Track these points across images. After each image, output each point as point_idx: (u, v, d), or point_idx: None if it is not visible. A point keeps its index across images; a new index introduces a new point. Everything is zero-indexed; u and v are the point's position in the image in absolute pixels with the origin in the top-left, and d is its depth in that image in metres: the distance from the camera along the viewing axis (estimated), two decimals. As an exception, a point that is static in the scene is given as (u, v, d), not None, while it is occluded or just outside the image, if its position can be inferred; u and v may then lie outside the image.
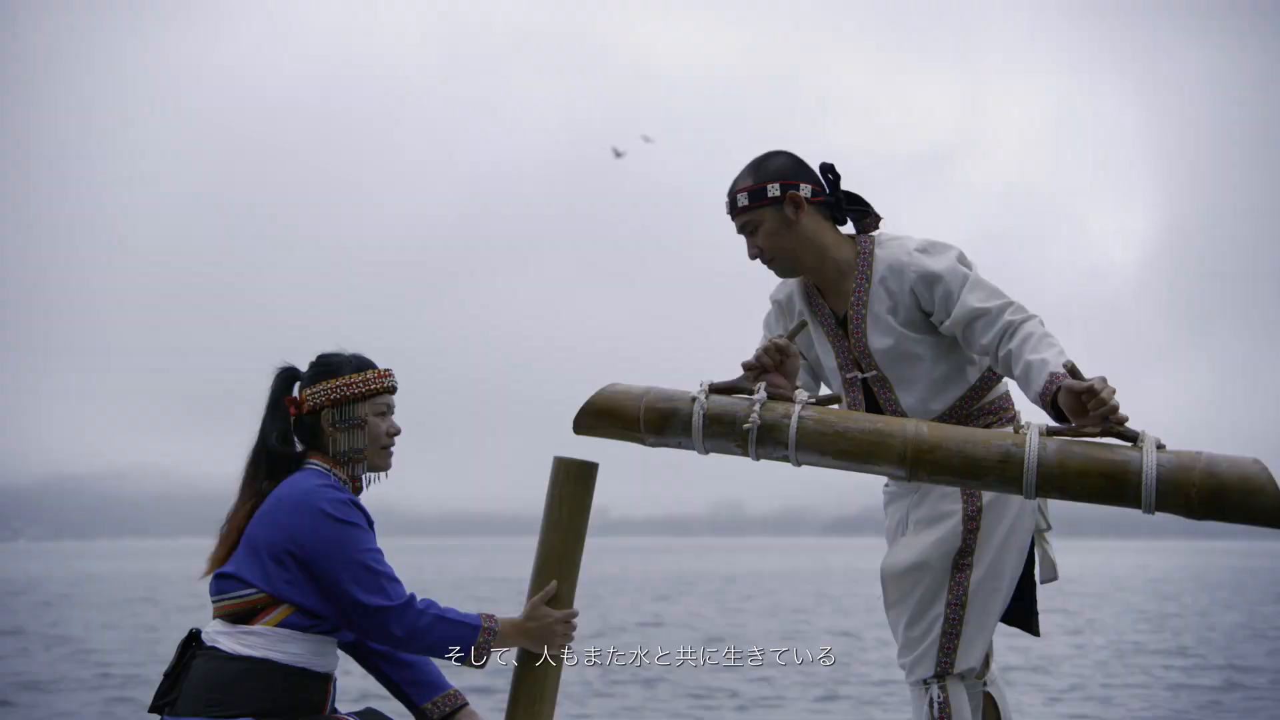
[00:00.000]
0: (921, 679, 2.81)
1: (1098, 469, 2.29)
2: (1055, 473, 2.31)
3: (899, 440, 2.44)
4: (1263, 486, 2.18)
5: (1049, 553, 2.93)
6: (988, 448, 2.37)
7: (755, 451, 2.56)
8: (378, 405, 2.77)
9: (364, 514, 2.68)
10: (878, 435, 2.46)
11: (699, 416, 2.59)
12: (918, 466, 2.43)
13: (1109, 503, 2.30)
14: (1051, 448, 2.33)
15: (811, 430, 2.50)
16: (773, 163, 2.87)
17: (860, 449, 2.46)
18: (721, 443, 2.60)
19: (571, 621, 2.75)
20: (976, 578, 2.78)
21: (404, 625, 2.61)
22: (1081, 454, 2.31)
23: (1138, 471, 2.26)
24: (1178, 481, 2.23)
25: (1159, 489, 2.24)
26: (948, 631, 2.78)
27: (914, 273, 2.81)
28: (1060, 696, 9.07)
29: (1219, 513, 2.22)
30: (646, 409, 2.65)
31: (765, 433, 2.53)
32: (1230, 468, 2.21)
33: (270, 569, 2.59)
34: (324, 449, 2.75)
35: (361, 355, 2.80)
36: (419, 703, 2.88)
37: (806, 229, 2.85)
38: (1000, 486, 2.39)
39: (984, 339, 2.69)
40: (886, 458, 2.45)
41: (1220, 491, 2.20)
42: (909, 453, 2.42)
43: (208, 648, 2.59)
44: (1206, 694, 9.15)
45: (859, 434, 2.47)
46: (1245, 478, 2.20)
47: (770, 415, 2.54)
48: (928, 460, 2.41)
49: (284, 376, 2.81)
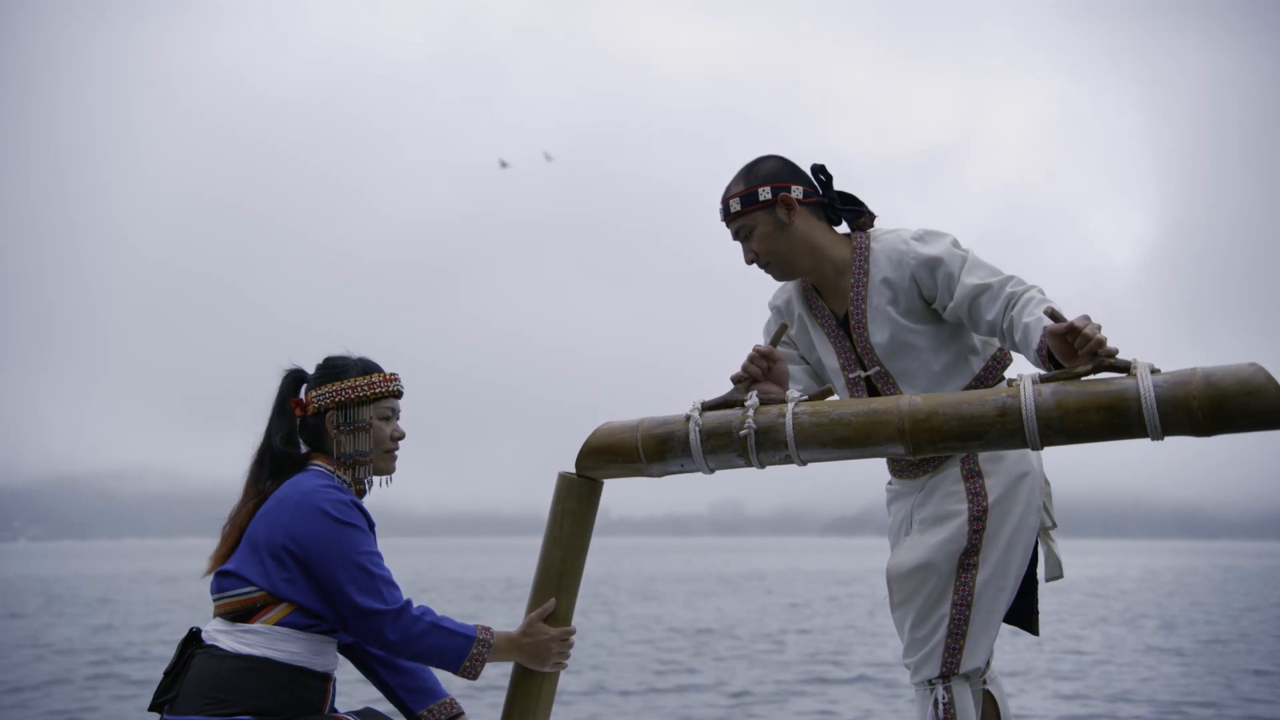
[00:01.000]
0: (927, 679, 2.79)
1: (1096, 404, 2.26)
2: (1055, 416, 2.28)
3: (895, 415, 2.43)
4: (1262, 386, 2.15)
5: (1054, 551, 2.92)
6: (983, 404, 2.36)
7: (758, 458, 2.55)
8: (383, 409, 2.77)
9: (365, 516, 2.68)
10: (873, 415, 2.45)
11: (695, 434, 2.58)
12: (918, 437, 2.41)
13: (1116, 436, 2.27)
14: (1047, 393, 2.31)
15: (808, 424, 2.49)
16: (763, 167, 2.89)
17: (859, 432, 2.45)
18: (723, 456, 2.59)
19: (568, 640, 2.75)
20: (983, 578, 2.77)
21: (398, 630, 2.60)
22: (1077, 392, 2.28)
23: (1136, 398, 2.22)
24: (1178, 399, 2.19)
25: (1160, 411, 2.20)
26: (953, 632, 2.76)
27: (913, 260, 2.81)
28: (1060, 695, 9.06)
29: (1225, 422, 2.18)
30: (644, 438, 2.65)
31: (764, 437, 2.53)
32: (1227, 375, 2.18)
33: (270, 567, 2.59)
34: (328, 451, 2.75)
35: (368, 359, 2.81)
36: (415, 709, 2.87)
37: (800, 230, 2.86)
38: (1004, 442, 2.36)
39: (989, 315, 2.68)
40: (885, 435, 2.43)
41: (1221, 400, 2.16)
42: (906, 425, 2.41)
43: (207, 646, 2.59)
44: (1205, 694, 9.14)
45: (854, 418, 2.46)
46: (1243, 380, 2.17)
47: (765, 419, 2.54)
48: (926, 429, 2.39)
49: (291, 378, 2.82)
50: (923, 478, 2.92)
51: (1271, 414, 2.15)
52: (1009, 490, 2.80)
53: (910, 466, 2.95)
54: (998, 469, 2.82)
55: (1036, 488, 2.84)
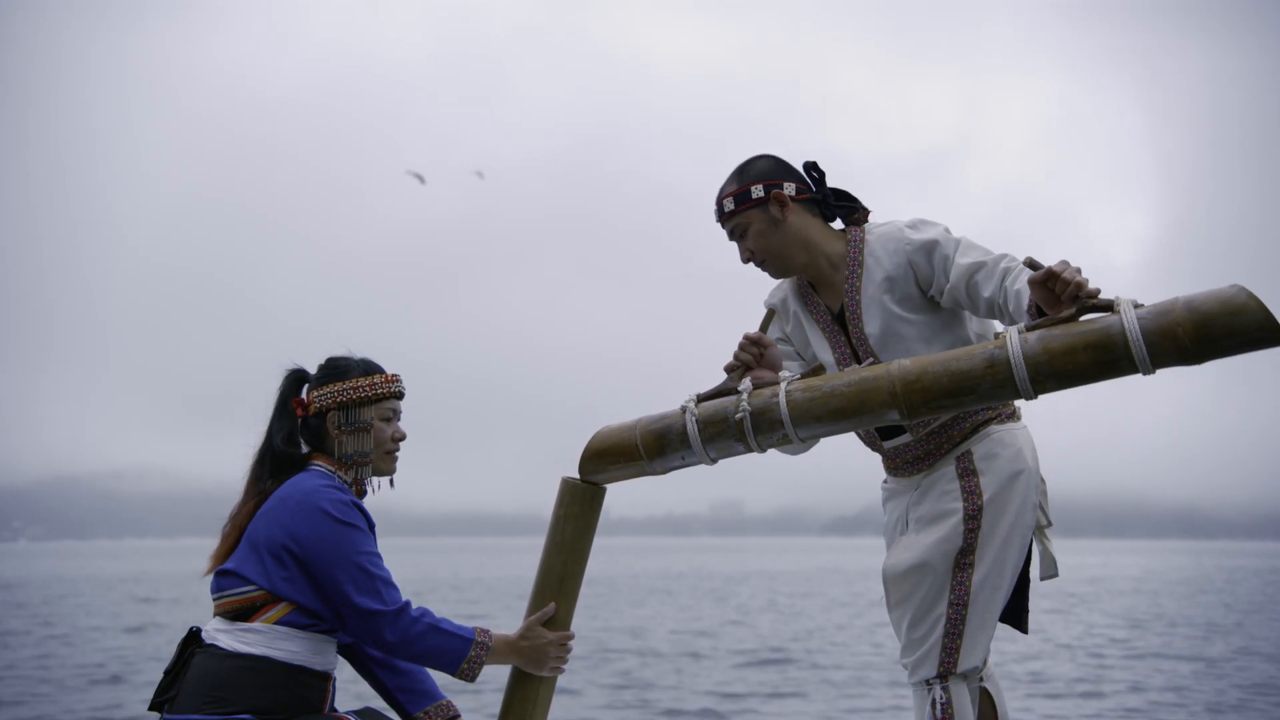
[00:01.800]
0: (924, 679, 2.79)
1: (1083, 343, 2.26)
2: (1043, 360, 2.28)
3: (885, 379, 2.44)
4: (1244, 304, 2.14)
5: (1050, 549, 2.92)
6: (971, 358, 2.37)
7: (756, 442, 2.57)
8: (384, 410, 2.78)
9: (365, 516, 2.69)
10: (864, 382, 2.46)
11: (692, 424, 2.60)
12: (911, 400, 2.40)
13: (1107, 374, 2.26)
14: (1033, 340, 2.31)
15: (801, 400, 2.51)
16: (755, 166, 2.93)
17: (852, 401, 2.46)
18: (723, 443, 2.60)
19: (567, 644, 2.76)
20: (979, 577, 2.77)
21: (396, 631, 2.60)
22: (1063, 335, 2.29)
23: (1121, 332, 2.22)
24: (1163, 329, 2.19)
25: (1147, 343, 2.20)
26: (950, 631, 2.76)
27: (908, 246, 2.84)
28: (1056, 696, 9.07)
29: (1212, 346, 2.16)
30: (642, 435, 2.67)
31: (759, 418, 2.54)
32: (1209, 298, 2.18)
33: (270, 566, 2.59)
34: (329, 451, 2.76)
35: (370, 360, 2.82)
36: (411, 711, 2.87)
37: (794, 226, 2.89)
38: (996, 393, 2.35)
39: (986, 291, 2.69)
40: (878, 400, 2.43)
41: (1205, 323, 2.15)
42: (898, 388, 2.41)
43: (207, 645, 2.59)
44: (1203, 696, 9.15)
45: (846, 387, 2.47)
46: (1225, 301, 2.16)
47: (759, 401, 2.56)
48: (918, 389, 2.40)
49: (293, 378, 2.83)
50: (918, 476, 2.94)
51: (1257, 330, 2.13)
52: (1004, 488, 2.80)
53: (905, 465, 2.96)
54: (992, 467, 2.82)
55: (1032, 486, 2.84)
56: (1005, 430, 2.86)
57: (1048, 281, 2.36)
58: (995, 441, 2.84)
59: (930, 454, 2.90)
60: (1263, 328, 2.13)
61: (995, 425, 2.87)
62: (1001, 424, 2.87)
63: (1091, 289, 2.32)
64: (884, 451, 3.01)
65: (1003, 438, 2.85)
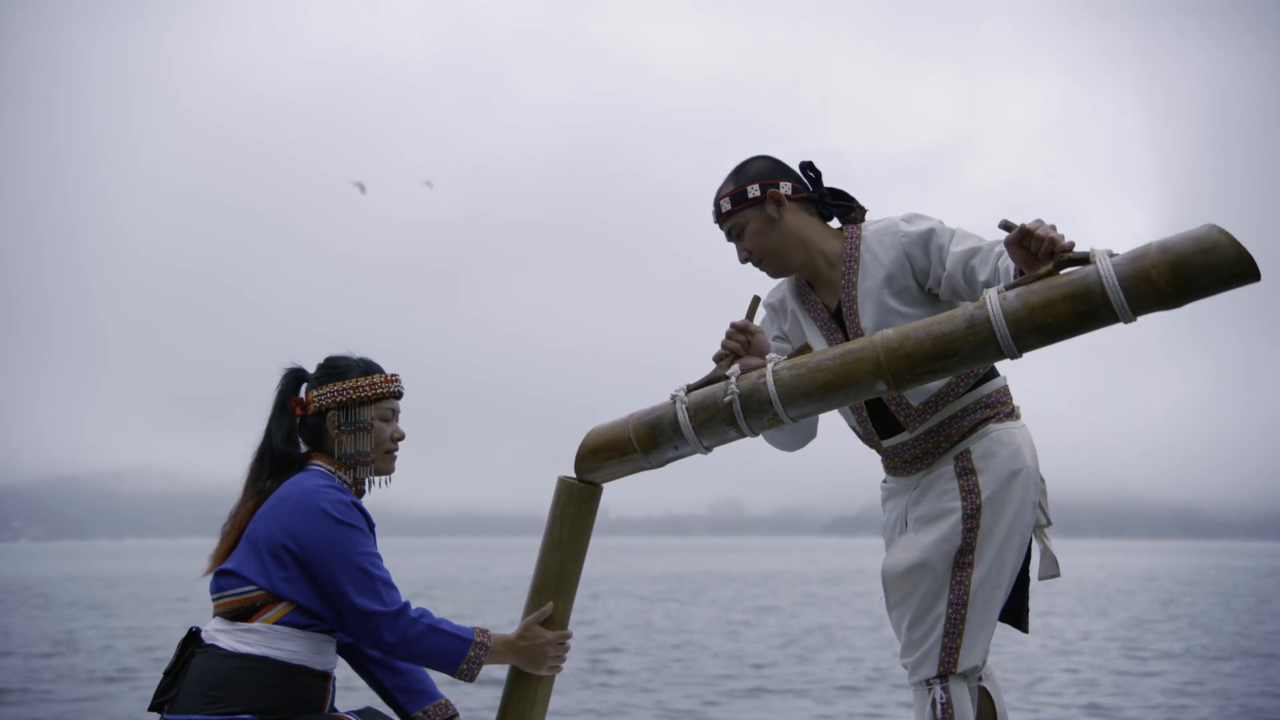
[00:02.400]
0: (925, 679, 2.80)
1: (1061, 295, 2.26)
2: (1023, 315, 2.28)
3: (869, 349, 2.45)
4: (1216, 241, 2.14)
5: (1050, 549, 2.92)
6: (952, 320, 2.38)
7: (748, 426, 2.58)
8: (383, 410, 2.78)
9: (365, 517, 2.69)
10: (848, 354, 2.48)
11: (683, 413, 2.62)
12: (895, 367, 2.41)
13: (1089, 324, 2.27)
14: (1012, 297, 2.32)
15: (788, 378, 2.52)
16: (752, 167, 2.95)
17: (838, 375, 2.47)
18: (715, 429, 2.62)
19: (565, 643, 2.77)
20: (978, 576, 2.78)
21: (396, 632, 2.61)
22: (1041, 289, 2.30)
23: (1098, 280, 2.22)
24: (1139, 273, 2.19)
25: (1125, 289, 2.20)
26: (950, 631, 2.77)
27: (904, 239, 2.86)
28: (1057, 696, 9.07)
29: (1188, 286, 2.16)
30: (635, 428, 2.68)
31: (748, 400, 2.55)
32: (1182, 239, 2.18)
33: (269, 566, 2.60)
34: (328, 451, 2.76)
35: (369, 359, 2.82)
36: (410, 711, 2.88)
37: (790, 225, 2.92)
38: (979, 353, 2.36)
39: (983, 275, 2.70)
40: (864, 370, 2.44)
41: (1180, 265, 2.15)
42: (882, 356, 2.42)
43: (207, 645, 2.59)
44: (1207, 695, 9.15)
45: (831, 361, 2.49)
46: (1197, 240, 2.16)
47: (747, 383, 2.57)
48: (901, 356, 2.40)
49: (291, 377, 2.83)
50: (916, 475, 2.94)
51: (1232, 266, 2.13)
52: (1002, 487, 2.80)
53: (904, 464, 2.96)
54: (990, 465, 2.83)
55: (1031, 485, 2.84)
56: (1004, 429, 2.87)
57: (1024, 241, 2.38)
58: (994, 440, 2.85)
59: (929, 453, 2.90)
60: (1236, 263, 2.12)
61: (994, 424, 2.87)
62: (1000, 423, 2.88)
63: (1066, 243, 2.33)
64: (883, 450, 3.02)
65: (1001, 436, 2.85)
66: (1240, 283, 2.16)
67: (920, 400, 2.88)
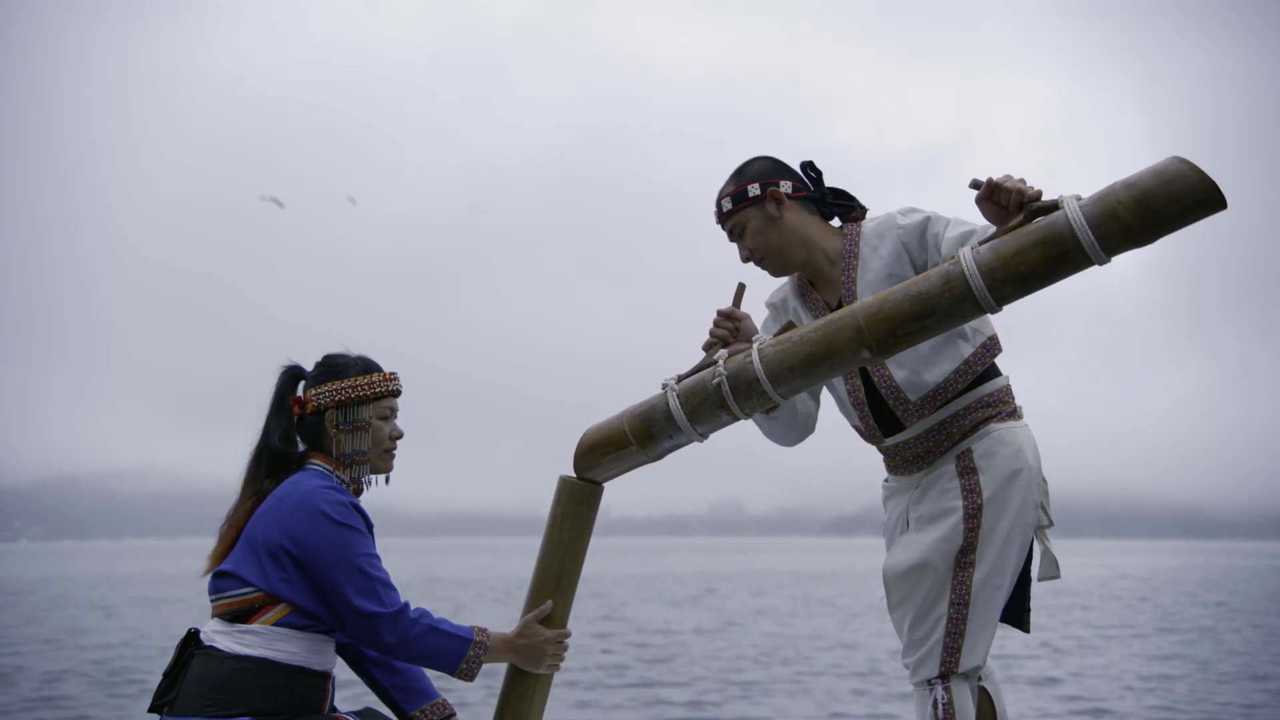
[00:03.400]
0: (926, 679, 2.80)
1: (1031, 242, 2.28)
2: (996, 266, 2.30)
3: (849, 316, 2.46)
4: (1178, 171, 2.15)
5: (1050, 550, 2.92)
6: (928, 279, 2.39)
7: (739, 407, 2.59)
8: (382, 409, 2.77)
9: (364, 518, 2.68)
10: (830, 324, 2.49)
11: (675, 401, 2.64)
12: (876, 330, 2.41)
13: (1063, 269, 2.27)
14: (984, 250, 2.34)
15: (773, 354, 2.53)
16: (753, 167, 2.98)
17: (821, 345, 2.47)
18: (708, 414, 2.63)
19: (563, 642, 2.77)
20: (980, 576, 2.78)
21: (395, 633, 2.60)
22: (1012, 238, 2.31)
23: (1066, 223, 2.24)
24: (1105, 212, 2.20)
25: (1093, 229, 2.21)
26: (952, 631, 2.77)
27: (900, 231, 2.87)
28: (1055, 696, 9.06)
29: (1155, 219, 2.17)
30: (629, 422, 2.70)
31: (736, 381, 2.57)
32: (1145, 173, 2.20)
33: (267, 567, 2.59)
34: (327, 450, 2.75)
35: (367, 358, 2.81)
36: (407, 710, 2.87)
37: (790, 223, 2.94)
38: (958, 308, 2.36)
39: None
40: (846, 337, 2.45)
41: (1144, 198, 2.16)
42: (862, 321, 2.42)
43: (206, 647, 2.59)
44: (1204, 696, 9.14)
45: (814, 333, 2.50)
46: (1159, 172, 2.17)
47: (734, 364, 2.60)
48: (881, 319, 2.40)
49: (289, 375, 2.81)
50: (918, 474, 2.95)
51: (1195, 194, 2.13)
52: (1003, 486, 2.81)
53: (905, 463, 2.97)
54: (991, 465, 2.83)
55: (1033, 485, 2.84)
56: (1005, 429, 2.87)
57: (994, 196, 2.41)
58: (995, 440, 2.85)
59: (930, 451, 2.91)
60: (1199, 190, 2.13)
61: (996, 424, 2.88)
62: (1002, 422, 2.88)
63: (1034, 192, 2.35)
64: (884, 449, 3.02)
65: (1003, 436, 2.85)
66: (1206, 211, 2.16)
67: (919, 395, 2.88)
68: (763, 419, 3.01)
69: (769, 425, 3.03)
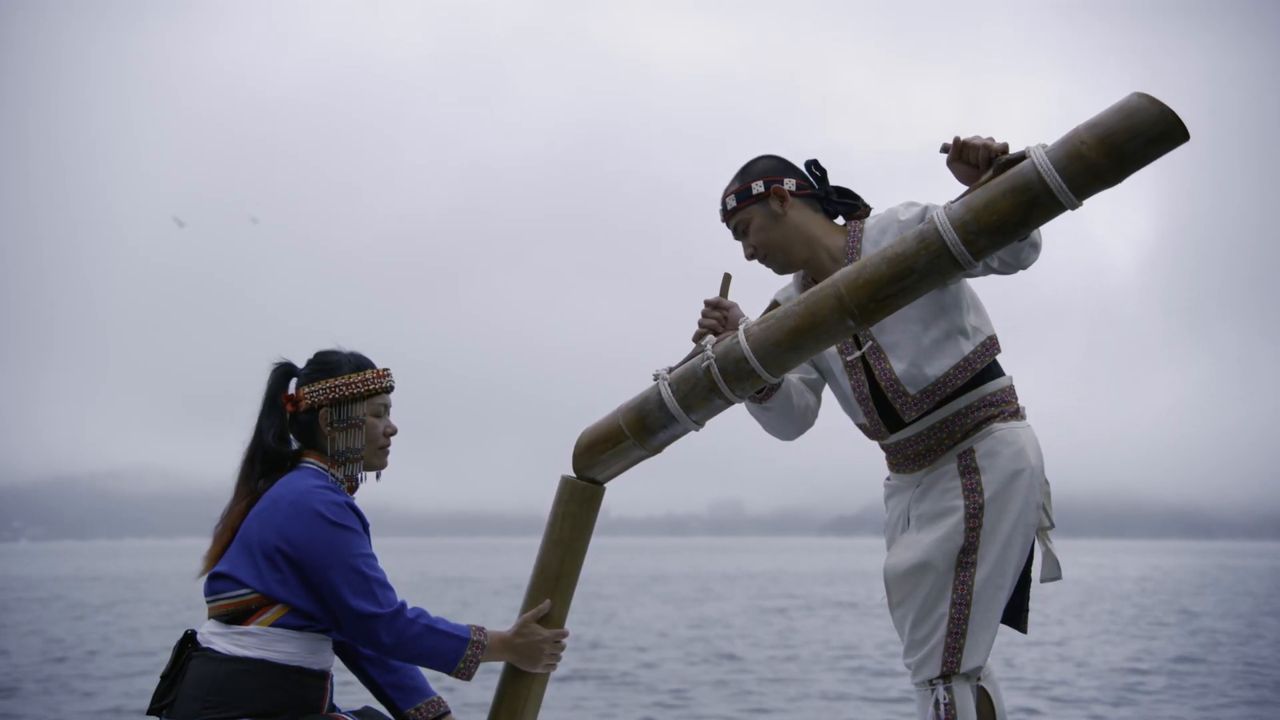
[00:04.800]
0: (928, 679, 2.79)
1: (1000, 190, 2.30)
2: (969, 219, 2.32)
3: (830, 286, 2.47)
4: (1138, 105, 2.17)
5: (1052, 551, 2.92)
6: (904, 242, 2.40)
7: (731, 390, 2.59)
8: (375, 405, 2.76)
9: (360, 518, 2.66)
10: (811, 296, 2.50)
11: (667, 390, 2.64)
12: (858, 297, 2.42)
13: (1036, 216, 2.29)
14: (956, 205, 2.36)
15: (758, 333, 2.54)
16: (757, 165, 3.00)
17: (805, 318, 2.48)
18: (701, 400, 2.62)
19: (561, 641, 2.77)
20: (981, 576, 2.77)
21: (393, 633, 2.59)
22: (982, 191, 2.34)
23: (1033, 169, 2.26)
24: (1070, 154, 2.22)
25: (1060, 171, 2.22)
26: (953, 631, 2.76)
27: (902, 224, 2.87)
28: (1056, 697, 9.06)
29: (1119, 154, 2.18)
30: (624, 416, 2.70)
31: (725, 362, 2.57)
32: (1106, 111, 2.22)
33: (263, 569, 2.57)
34: (321, 448, 2.73)
35: (359, 354, 2.79)
36: (403, 708, 2.87)
37: (794, 220, 2.96)
38: (936, 265, 2.37)
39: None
40: (828, 307, 2.45)
41: (1107, 135, 2.18)
42: (843, 289, 2.43)
43: (203, 649, 2.57)
44: (1207, 695, 9.14)
45: (797, 306, 2.51)
46: (1119, 107, 2.20)
47: (721, 347, 2.60)
48: (861, 284, 2.41)
49: (280, 372, 2.79)
50: (919, 473, 2.95)
51: (1156, 125, 2.15)
52: (1005, 486, 2.80)
53: (907, 461, 2.97)
54: (993, 465, 2.82)
55: (1035, 485, 2.84)
56: (1008, 429, 2.87)
57: (963, 156, 2.44)
58: (998, 439, 2.85)
59: (932, 450, 2.90)
60: (1159, 122, 2.14)
61: (998, 423, 2.87)
62: (1004, 422, 2.88)
63: (1000, 145, 2.38)
64: (887, 446, 3.02)
65: (1005, 436, 2.85)
66: (1169, 143, 2.17)
67: (918, 389, 2.88)
68: (759, 410, 3.01)
69: (765, 417, 3.02)
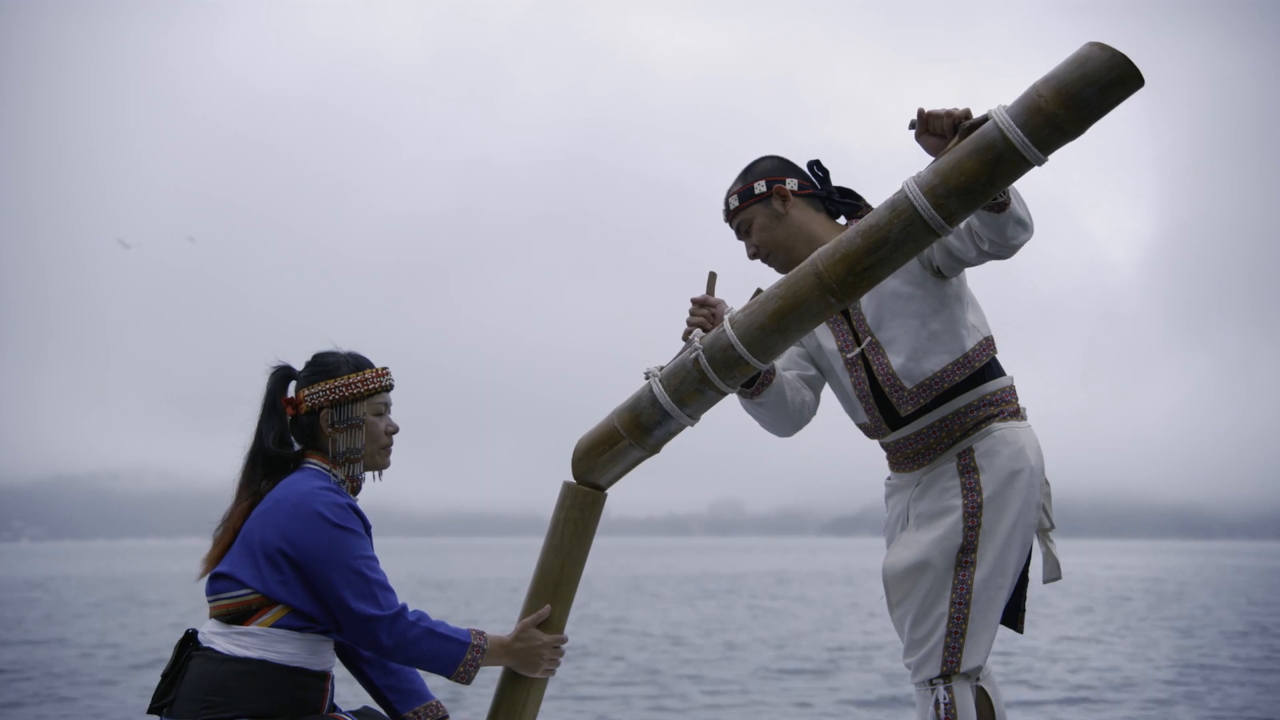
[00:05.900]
0: (928, 679, 2.79)
1: (966, 152, 2.32)
2: (938, 184, 2.34)
3: (809, 265, 2.49)
4: (1090, 53, 2.20)
5: (1052, 551, 2.93)
6: (877, 213, 2.43)
7: (722, 380, 2.60)
8: (376, 405, 2.76)
9: (361, 519, 2.66)
10: (791, 277, 2.52)
11: (658, 386, 2.65)
12: (836, 273, 2.43)
13: (1003, 175, 2.31)
14: (924, 172, 2.39)
15: (742, 319, 2.56)
16: (760, 165, 3.03)
17: (786, 299, 2.49)
18: (693, 393, 2.63)
19: (560, 647, 2.77)
20: (981, 576, 2.77)
21: (393, 636, 2.59)
22: (949, 156, 2.36)
23: (995, 128, 2.28)
24: (1030, 108, 2.24)
25: (1019, 124, 2.25)
26: (953, 631, 2.76)
27: None
28: (1056, 697, 9.04)
29: (1077, 103, 2.20)
30: (619, 416, 2.70)
31: (713, 351, 2.58)
32: (1060, 64, 2.25)
33: (264, 569, 2.57)
34: (323, 449, 2.74)
35: (358, 354, 2.79)
36: (401, 711, 2.87)
37: (796, 220, 2.97)
38: (910, 232, 2.38)
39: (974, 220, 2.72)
40: (808, 286, 2.47)
41: (1064, 85, 2.21)
42: (821, 266, 2.45)
43: (203, 649, 2.58)
44: (1196, 697, 9.12)
45: (778, 288, 2.53)
46: (1073, 58, 2.22)
47: (708, 338, 2.62)
48: (838, 259, 2.43)
49: (279, 376, 2.78)
50: (919, 472, 2.95)
51: (1109, 71, 2.18)
52: (1004, 485, 2.81)
53: (907, 460, 2.97)
54: (992, 464, 2.83)
55: (1035, 485, 2.84)
56: (1008, 428, 2.87)
57: (929, 127, 2.47)
58: (997, 439, 2.85)
59: (932, 449, 2.91)
60: (1112, 67, 2.17)
61: (998, 423, 2.88)
62: (1004, 421, 2.88)
63: (963, 110, 2.42)
64: (887, 445, 3.03)
65: (1005, 435, 2.86)
66: (1125, 88, 2.20)
67: (914, 383, 2.89)
68: (754, 407, 3.01)
69: (760, 413, 3.03)
